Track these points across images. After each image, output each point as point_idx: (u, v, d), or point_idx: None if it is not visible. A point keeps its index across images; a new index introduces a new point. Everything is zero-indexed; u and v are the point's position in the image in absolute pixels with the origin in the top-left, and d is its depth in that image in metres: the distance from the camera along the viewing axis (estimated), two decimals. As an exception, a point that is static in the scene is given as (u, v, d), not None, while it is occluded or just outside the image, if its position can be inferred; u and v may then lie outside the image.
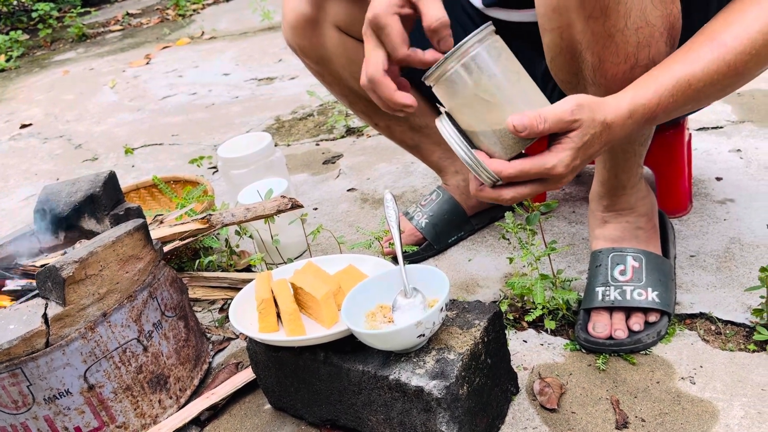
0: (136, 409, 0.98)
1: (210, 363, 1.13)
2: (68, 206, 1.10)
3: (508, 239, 1.29)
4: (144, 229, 1.00)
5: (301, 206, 1.24)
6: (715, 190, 1.32)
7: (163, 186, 1.55)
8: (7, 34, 5.03)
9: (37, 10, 5.46)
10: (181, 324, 1.07)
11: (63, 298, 0.90)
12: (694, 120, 1.62)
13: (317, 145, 2.04)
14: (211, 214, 1.22)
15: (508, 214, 1.08)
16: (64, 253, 1.07)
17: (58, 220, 1.12)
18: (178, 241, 1.21)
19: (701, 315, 1.02)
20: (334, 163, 1.87)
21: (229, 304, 0.97)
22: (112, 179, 1.11)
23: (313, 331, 0.91)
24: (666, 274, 1.01)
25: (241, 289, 1.03)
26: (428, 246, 1.32)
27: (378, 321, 0.87)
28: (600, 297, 1.00)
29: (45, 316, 0.90)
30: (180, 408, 1.03)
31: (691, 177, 1.30)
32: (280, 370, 0.93)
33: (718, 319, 1.00)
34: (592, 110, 0.72)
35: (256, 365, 0.97)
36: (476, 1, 1.13)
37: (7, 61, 4.53)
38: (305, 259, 1.03)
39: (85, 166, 2.33)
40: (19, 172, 2.42)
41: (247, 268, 1.40)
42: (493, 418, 0.87)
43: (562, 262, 1.21)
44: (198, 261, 1.35)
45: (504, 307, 1.07)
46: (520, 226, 1.06)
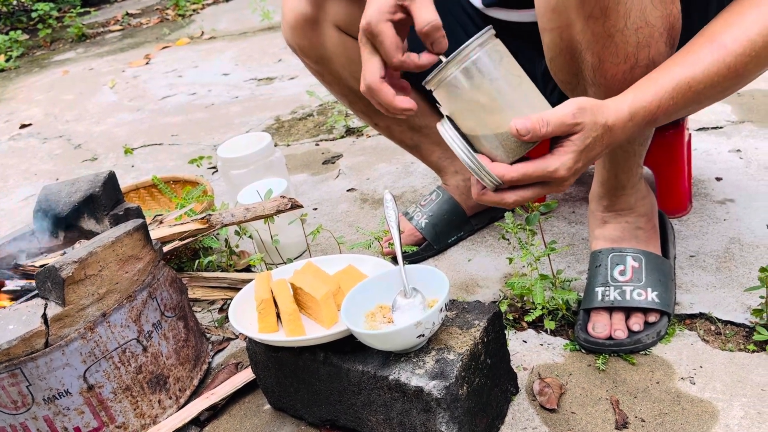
0: (135, 410, 0.98)
1: (209, 363, 1.13)
2: (68, 206, 1.10)
3: (508, 239, 1.29)
4: (143, 230, 1.00)
5: (301, 206, 1.24)
6: (714, 191, 1.32)
7: (163, 186, 1.55)
8: (7, 34, 5.03)
9: (36, 10, 5.46)
10: (181, 324, 1.07)
11: (62, 299, 0.90)
12: (693, 120, 1.62)
13: (317, 145, 2.04)
14: (210, 214, 1.22)
15: (507, 215, 1.08)
16: (64, 254, 1.06)
17: (57, 220, 1.12)
18: (177, 242, 1.21)
19: (701, 315, 1.02)
20: (333, 163, 1.87)
21: (229, 305, 0.97)
22: (111, 179, 1.11)
23: (313, 332, 0.91)
24: (666, 275, 1.01)
25: (241, 289, 1.03)
26: (428, 246, 1.32)
27: (377, 321, 0.87)
28: (600, 297, 1.00)
29: (44, 316, 0.90)
30: (179, 408, 1.03)
31: (690, 177, 1.30)
32: (280, 370, 0.93)
33: (717, 319, 1.00)
34: (594, 113, 0.72)
35: (256, 365, 0.97)
36: (476, 1, 1.13)
37: (7, 61, 4.52)
38: (305, 260, 1.03)
39: (84, 166, 2.33)
40: (19, 172, 2.42)
41: (247, 269, 1.39)
42: (492, 418, 0.87)
43: (562, 262, 1.21)
44: (197, 261, 1.35)
45: (504, 308, 1.07)
46: (519, 227, 1.06)
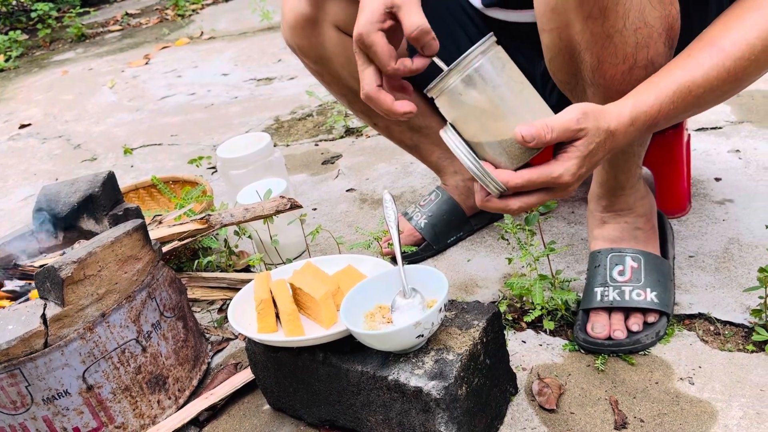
0: (134, 410, 0.98)
1: (209, 363, 1.13)
2: (67, 206, 1.10)
3: (507, 240, 1.29)
4: (143, 230, 1.00)
5: (300, 206, 1.24)
6: (714, 191, 1.32)
7: (162, 186, 1.55)
8: (6, 34, 5.03)
9: (36, 10, 5.46)
10: (180, 324, 1.07)
11: (62, 299, 0.90)
12: (693, 120, 1.62)
13: (316, 145, 2.04)
14: (210, 215, 1.22)
15: (507, 215, 1.08)
16: (63, 254, 1.06)
17: (56, 221, 1.12)
18: (177, 242, 1.21)
19: (700, 315, 1.02)
20: (333, 164, 1.87)
21: (228, 305, 0.97)
22: (110, 179, 1.11)
23: (312, 332, 0.91)
24: (665, 275, 1.01)
25: (240, 289, 1.02)
26: (427, 246, 1.32)
27: (377, 321, 0.87)
28: (599, 297, 1.00)
29: (44, 316, 0.90)
30: (179, 408, 1.03)
31: (690, 177, 1.30)
32: (279, 370, 0.93)
33: (716, 319, 1.00)
34: (596, 119, 0.72)
35: (255, 366, 0.97)
36: (476, 2, 1.13)
37: (6, 61, 4.52)
38: (304, 260, 1.03)
39: (84, 167, 2.33)
40: (18, 172, 2.42)
41: (246, 269, 1.39)
42: (491, 418, 0.87)
43: (561, 262, 1.21)
44: (197, 261, 1.35)
45: (503, 308, 1.07)
46: (519, 227, 1.06)
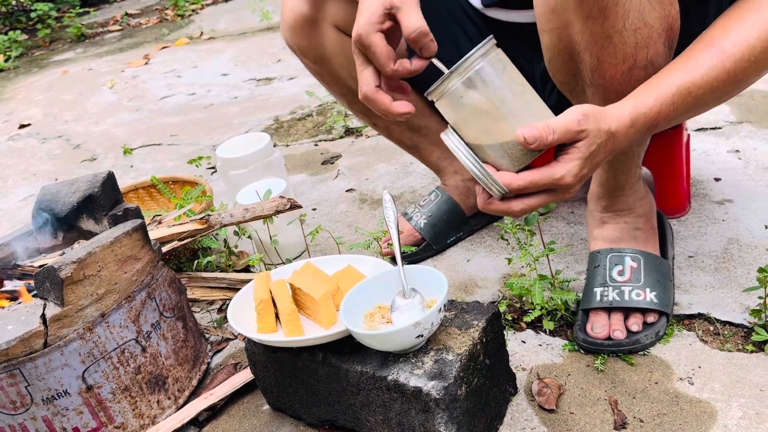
0: (134, 410, 0.98)
1: (208, 363, 1.13)
2: (67, 207, 1.10)
3: (507, 240, 1.29)
4: (142, 230, 1.00)
5: (300, 207, 1.24)
6: (713, 191, 1.32)
7: (162, 186, 1.55)
8: (6, 34, 5.03)
9: (35, 10, 5.46)
10: (180, 324, 1.07)
11: (61, 299, 0.90)
12: (692, 120, 1.62)
13: (316, 145, 2.04)
14: (209, 215, 1.22)
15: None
16: (63, 254, 1.06)
17: (56, 221, 1.11)
18: (176, 242, 1.21)
19: (699, 315, 1.02)
20: (332, 164, 1.87)
21: (228, 305, 0.97)
22: (110, 179, 1.11)
23: (312, 332, 0.91)
24: (664, 275, 1.01)
25: (240, 289, 1.03)
26: (427, 246, 1.32)
27: (376, 321, 0.87)
28: (598, 297, 1.00)
29: (43, 316, 0.90)
30: (178, 408, 1.03)
31: (689, 178, 1.30)
32: (279, 370, 0.93)
33: (716, 319, 1.00)
34: (597, 120, 0.72)
35: (255, 366, 0.97)
36: (475, 2, 1.14)
37: (6, 61, 4.52)
38: (304, 260, 1.03)
39: (83, 167, 2.33)
40: (18, 173, 2.42)
41: (246, 269, 1.39)
42: (491, 418, 0.87)
43: (561, 262, 1.21)
44: (196, 261, 1.35)
45: (502, 308, 1.07)
46: (518, 227, 1.06)
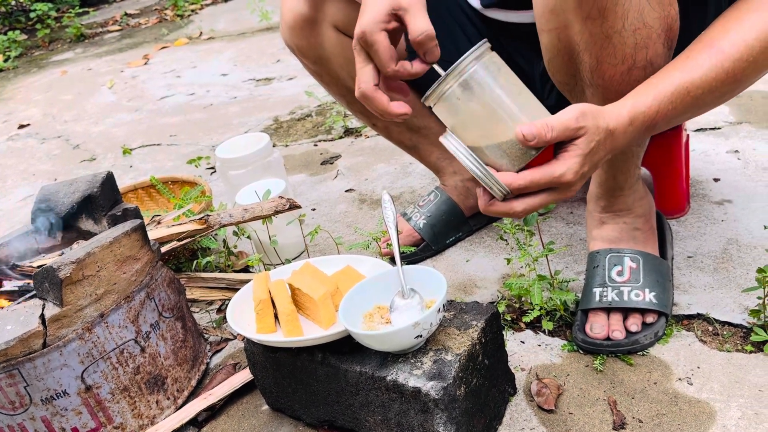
0: (133, 410, 0.98)
1: (208, 364, 1.13)
2: (66, 207, 1.10)
3: (506, 240, 1.29)
4: (141, 230, 1.00)
5: (299, 207, 1.24)
6: (712, 191, 1.32)
7: (161, 186, 1.55)
8: (5, 34, 5.03)
9: (35, 11, 5.45)
10: (179, 325, 1.07)
11: (60, 299, 0.90)
12: (691, 121, 1.62)
13: (315, 145, 2.04)
14: (208, 215, 1.22)
15: (505, 215, 1.08)
16: (62, 254, 1.06)
17: (55, 221, 1.11)
18: (175, 242, 1.21)
19: (698, 316, 1.02)
20: (332, 164, 1.87)
21: (227, 305, 0.97)
22: (109, 180, 1.11)
23: (311, 332, 0.91)
24: (663, 275, 1.01)
25: (239, 289, 1.02)
26: (426, 247, 1.32)
27: (375, 322, 0.87)
28: (597, 298, 1.00)
29: (42, 316, 0.90)
30: (177, 409, 1.03)
31: (688, 178, 1.30)
32: (278, 370, 0.93)
33: (715, 320, 1.00)
34: (595, 117, 0.73)
35: (254, 366, 0.97)
36: (475, 2, 1.14)
37: (5, 61, 4.52)
38: (303, 260, 1.03)
39: (83, 167, 2.32)
40: (17, 173, 2.42)
41: (245, 269, 1.39)
42: (490, 418, 0.87)
43: (560, 262, 1.21)
44: (196, 262, 1.35)
45: (502, 308, 1.07)
46: (517, 227, 1.07)
